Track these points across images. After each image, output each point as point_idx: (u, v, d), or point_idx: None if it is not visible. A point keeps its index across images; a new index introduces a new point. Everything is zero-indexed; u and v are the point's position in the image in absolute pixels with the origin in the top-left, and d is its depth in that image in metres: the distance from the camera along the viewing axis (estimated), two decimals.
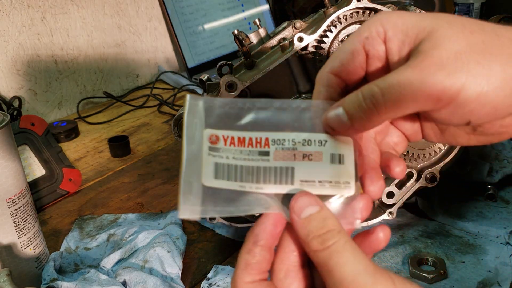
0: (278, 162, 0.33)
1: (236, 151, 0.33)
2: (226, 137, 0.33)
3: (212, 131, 0.33)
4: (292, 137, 0.33)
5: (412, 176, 0.62)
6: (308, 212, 0.31)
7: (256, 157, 0.33)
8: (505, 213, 0.67)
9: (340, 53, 0.35)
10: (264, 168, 0.33)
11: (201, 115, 0.33)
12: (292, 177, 0.33)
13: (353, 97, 0.32)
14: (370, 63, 0.34)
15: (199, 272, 0.62)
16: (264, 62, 0.62)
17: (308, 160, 0.33)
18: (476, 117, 0.30)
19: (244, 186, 0.32)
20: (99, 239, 0.68)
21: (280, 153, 0.33)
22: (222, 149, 0.33)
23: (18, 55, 1.13)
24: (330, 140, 0.33)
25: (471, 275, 0.57)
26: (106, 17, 1.29)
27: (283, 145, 0.33)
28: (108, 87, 1.32)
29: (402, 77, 0.29)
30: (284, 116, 0.34)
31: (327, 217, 0.30)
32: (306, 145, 0.33)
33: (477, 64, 0.28)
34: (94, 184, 0.87)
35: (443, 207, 0.69)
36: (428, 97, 0.29)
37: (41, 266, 0.59)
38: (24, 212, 0.56)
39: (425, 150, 0.62)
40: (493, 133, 0.33)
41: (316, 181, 0.33)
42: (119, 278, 0.58)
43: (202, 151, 0.33)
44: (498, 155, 0.71)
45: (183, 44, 1.35)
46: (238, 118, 0.34)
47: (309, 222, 0.30)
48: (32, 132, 0.82)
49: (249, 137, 0.33)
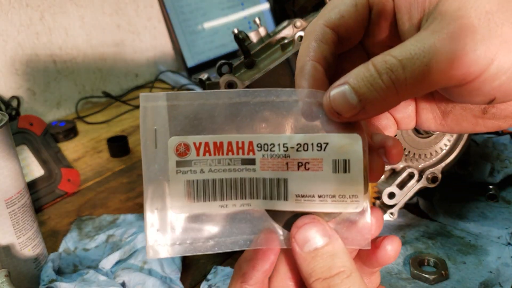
0: (267, 172, 0.26)
1: (213, 161, 0.26)
2: (198, 145, 0.26)
3: (179, 138, 0.26)
4: (283, 141, 0.26)
5: (413, 176, 0.62)
6: (313, 246, 0.25)
7: (239, 167, 0.26)
8: (507, 214, 0.66)
9: (339, 3, 0.28)
10: (250, 179, 0.26)
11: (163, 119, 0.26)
12: (285, 191, 0.26)
13: (364, 71, 0.25)
14: (374, 22, 0.28)
15: (198, 273, 0.61)
16: (264, 61, 0.62)
17: (304, 169, 0.26)
18: (504, 92, 0.24)
19: (226, 204, 0.26)
20: (98, 240, 0.68)
21: (268, 161, 0.26)
22: (194, 162, 0.26)
23: (17, 54, 1.12)
24: (332, 141, 0.26)
25: (472, 276, 0.56)
26: (105, 16, 1.29)
27: (272, 151, 0.26)
28: (107, 86, 1.32)
29: (426, 45, 0.24)
30: (271, 111, 0.26)
31: (336, 253, 0.25)
32: (302, 150, 0.26)
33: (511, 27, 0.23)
34: (93, 185, 0.87)
35: (445, 207, 0.68)
36: (459, 70, 0.23)
37: (39, 267, 0.59)
38: (23, 212, 0.56)
39: (426, 150, 0.62)
40: (506, 115, 0.28)
41: (316, 196, 0.26)
42: (118, 279, 0.57)
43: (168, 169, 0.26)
44: (499, 155, 0.70)
45: (182, 43, 1.35)
46: (212, 117, 0.26)
47: (314, 259, 0.25)
48: (31, 132, 0.82)
49: (228, 141, 0.26)
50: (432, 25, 0.24)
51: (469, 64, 0.23)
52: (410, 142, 0.61)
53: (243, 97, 0.26)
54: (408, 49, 0.24)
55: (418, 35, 0.24)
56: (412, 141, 0.62)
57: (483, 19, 0.23)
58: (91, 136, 1.09)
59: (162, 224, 0.26)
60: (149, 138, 0.26)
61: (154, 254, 0.25)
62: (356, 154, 0.26)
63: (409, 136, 0.61)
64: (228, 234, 0.26)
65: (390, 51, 0.24)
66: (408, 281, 0.56)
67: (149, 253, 0.25)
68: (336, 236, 0.25)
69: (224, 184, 0.26)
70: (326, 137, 0.26)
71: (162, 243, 0.25)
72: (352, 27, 0.28)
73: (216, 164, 0.26)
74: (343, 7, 0.28)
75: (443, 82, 0.24)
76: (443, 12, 0.24)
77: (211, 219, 0.26)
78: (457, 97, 0.26)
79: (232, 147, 0.26)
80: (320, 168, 0.26)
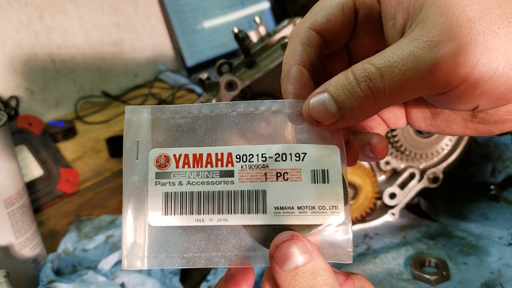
0: (245, 184, 0.26)
1: (191, 173, 0.26)
2: (178, 156, 0.26)
3: (160, 150, 0.27)
4: (261, 151, 0.27)
5: (415, 176, 0.62)
6: (293, 264, 0.24)
7: (218, 179, 0.26)
8: (508, 214, 0.66)
9: (325, 7, 0.28)
10: (228, 192, 0.26)
11: (146, 131, 0.27)
12: (264, 204, 0.26)
13: (343, 79, 0.25)
14: (360, 25, 0.28)
15: (198, 274, 0.61)
16: (264, 60, 0.61)
17: (283, 180, 0.26)
18: (486, 101, 0.24)
19: (202, 219, 0.26)
20: (97, 241, 0.68)
21: (247, 172, 0.26)
22: (173, 173, 0.26)
23: (16, 54, 1.12)
24: (310, 151, 0.27)
25: (473, 277, 0.56)
26: (104, 16, 1.28)
27: (251, 161, 0.26)
28: (106, 86, 1.32)
29: (405, 53, 0.23)
30: (250, 123, 0.27)
31: (317, 270, 0.24)
32: (280, 160, 0.26)
33: (494, 35, 0.23)
34: (92, 185, 0.86)
35: (446, 208, 0.68)
36: (438, 78, 0.23)
37: (38, 268, 0.59)
38: (22, 213, 0.56)
39: (428, 150, 0.62)
40: (496, 121, 0.28)
41: (295, 208, 0.26)
42: (117, 280, 0.57)
43: (147, 180, 0.26)
44: (501, 155, 0.70)
45: (182, 42, 1.34)
46: (193, 129, 0.27)
47: (294, 278, 0.24)
48: (30, 132, 0.81)
49: (208, 153, 0.26)
50: (413, 32, 0.24)
51: (449, 73, 0.23)
52: (411, 142, 0.61)
53: (224, 109, 0.27)
54: (387, 57, 0.24)
55: (399, 42, 0.24)
56: (413, 141, 0.61)
57: (465, 27, 0.23)
58: (90, 136, 1.08)
59: (139, 236, 0.26)
60: (131, 149, 0.26)
61: (129, 266, 0.25)
62: (334, 164, 0.26)
63: (410, 136, 0.61)
64: (203, 250, 0.26)
65: (369, 59, 0.24)
66: (409, 282, 0.56)
67: (124, 264, 0.25)
68: (316, 253, 0.24)
69: (201, 197, 0.26)
70: (304, 147, 0.27)
71: (137, 255, 0.26)
72: (338, 31, 0.28)
73: (195, 176, 0.26)
74: (329, 10, 0.28)
75: (423, 90, 0.24)
76: (424, 19, 0.24)
77: (187, 233, 0.26)
78: (440, 103, 0.26)
79: (211, 159, 0.26)
80: (299, 179, 0.26)
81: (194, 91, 1.25)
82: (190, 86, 1.27)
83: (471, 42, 0.23)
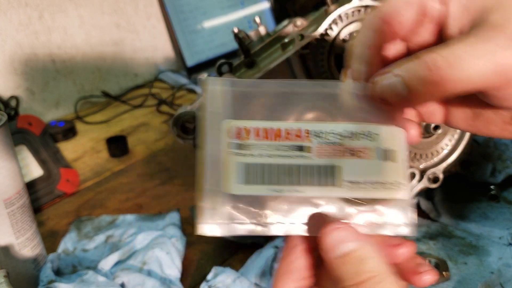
0: (321, 159, 0.28)
1: (270, 146, 0.28)
2: (256, 129, 0.28)
3: (239, 123, 0.28)
4: (338, 129, 0.28)
5: (415, 176, 0.62)
6: (341, 251, 0.25)
7: (295, 153, 0.28)
8: (508, 214, 0.66)
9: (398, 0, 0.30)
10: (304, 166, 0.28)
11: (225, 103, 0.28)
12: (338, 178, 0.28)
13: (415, 65, 0.27)
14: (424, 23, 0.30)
15: (198, 274, 0.61)
16: (264, 61, 0.61)
17: (356, 157, 0.28)
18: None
19: (281, 189, 0.27)
20: (97, 241, 0.68)
21: (323, 148, 0.28)
22: (252, 146, 0.27)
23: (16, 54, 1.12)
24: (381, 132, 0.29)
25: (473, 277, 0.56)
26: (104, 16, 1.28)
27: (328, 139, 0.28)
28: (106, 86, 1.32)
29: (471, 48, 0.26)
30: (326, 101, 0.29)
31: (365, 257, 0.25)
32: (355, 139, 0.28)
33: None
34: (92, 185, 0.86)
35: (446, 208, 0.68)
36: (499, 74, 0.25)
37: (38, 268, 0.59)
38: (22, 213, 0.56)
39: (428, 150, 0.62)
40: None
41: (365, 182, 0.28)
42: (117, 280, 0.57)
43: (227, 150, 0.27)
44: (501, 155, 0.70)
45: (182, 42, 1.34)
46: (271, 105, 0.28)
47: (343, 264, 0.25)
48: (30, 132, 0.81)
49: (285, 128, 0.28)
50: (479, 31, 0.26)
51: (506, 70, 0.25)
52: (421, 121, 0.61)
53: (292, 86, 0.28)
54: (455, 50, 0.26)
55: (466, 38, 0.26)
56: None
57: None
58: (90, 136, 1.08)
59: (220, 204, 0.27)
60: (213, 119, 0.27)
61: (204, 231, 0.26)
62: (401, 145, 0.29)
63: None
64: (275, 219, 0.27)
65: (435, 48, 0.26)
66: None
67: (205, 231, 0.26)
68: (367, 240, 0.26)
69: (278, 169, 0.27)
70: (377, 128, 0.29)
71: (211, 222, 0.27)
72: (405, 25, 0.30)
73: (273, 149, 0.28)
74: (401, 3, 0.30)
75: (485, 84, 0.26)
76: (490, 22, 0.26)
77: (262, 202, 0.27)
78: (495, 99, 0.28)
79: (289, 134, 0.28)
80: (370, 156, 0.28)
81: (194, 91, 1.25)
82: (190, 86, 1.27)
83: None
